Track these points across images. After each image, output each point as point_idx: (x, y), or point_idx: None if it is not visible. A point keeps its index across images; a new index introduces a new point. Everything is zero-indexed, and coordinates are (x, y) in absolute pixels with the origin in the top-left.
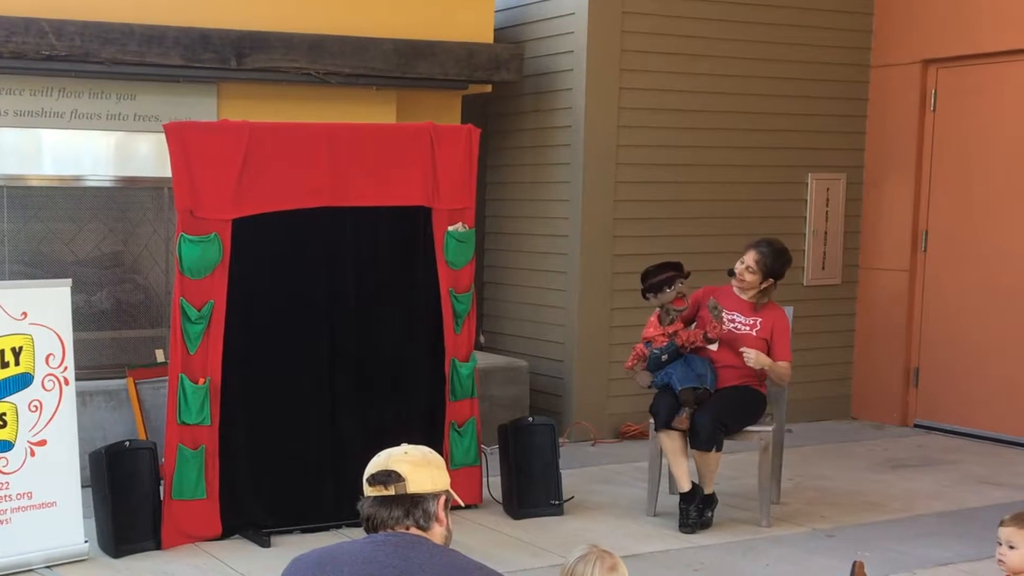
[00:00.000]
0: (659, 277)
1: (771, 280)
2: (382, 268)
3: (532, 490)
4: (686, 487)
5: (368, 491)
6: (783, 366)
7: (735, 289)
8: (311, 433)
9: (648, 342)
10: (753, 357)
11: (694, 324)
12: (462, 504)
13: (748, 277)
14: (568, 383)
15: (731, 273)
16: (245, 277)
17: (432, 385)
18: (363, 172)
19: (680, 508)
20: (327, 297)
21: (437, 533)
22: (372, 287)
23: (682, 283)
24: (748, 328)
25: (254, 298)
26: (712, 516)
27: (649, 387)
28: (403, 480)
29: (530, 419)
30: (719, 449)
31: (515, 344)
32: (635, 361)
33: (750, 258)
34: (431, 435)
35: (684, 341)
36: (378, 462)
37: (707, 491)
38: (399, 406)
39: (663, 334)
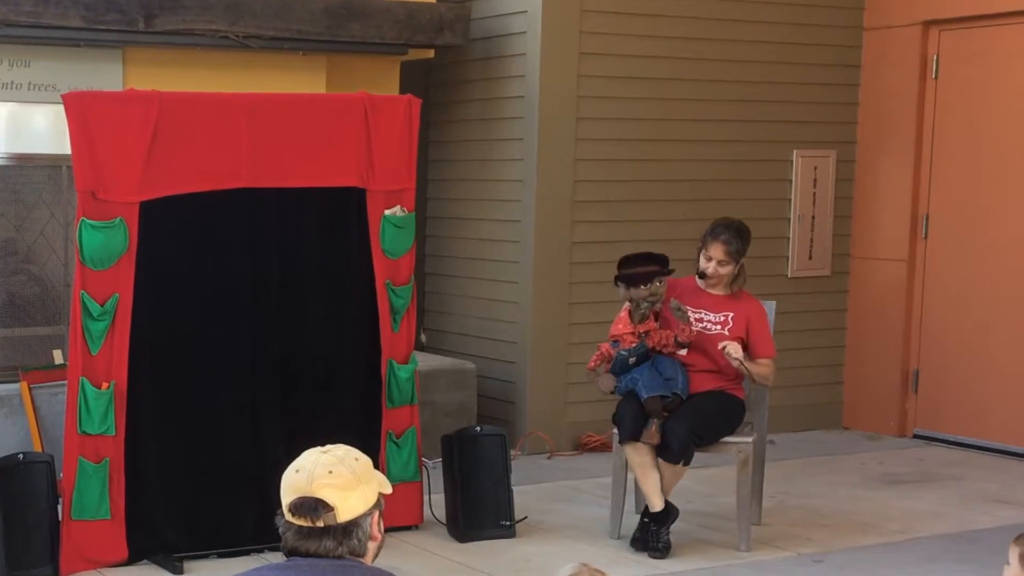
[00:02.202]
0: (639, 269)
1: (741, 263)
2: (309, 258)
3: (480, 509)
4: (658, 506)
5: (291, 519)
6: (765, 364)
7: (699, 283)
8: (230, 444)
9: (616, 341)
10: (732, 350)
11: (658, 323)
12: (389, 491)
13: (724, 271)
14: (521, 388)
15: (702, 275)
16: (154, 267)
17: (366, 390)
18: (288, 149)
19: (649, 530)
20: (247, 291)
21: (371, 549)
22: (298, 280)
23: (660, 282)
24: (719, 326)
25: (165, 291)
26: (669, 534)
27: (612, 393)
28: (332, 510)
29: (478, 428)
30: (688, 463)
31: (461, 344)
32: (598, 362)
33: (718, 251)
34: (365, 446)
35: (656, 343)
36: (299, 484)
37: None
38: (329, 413)
39: (633, 333)
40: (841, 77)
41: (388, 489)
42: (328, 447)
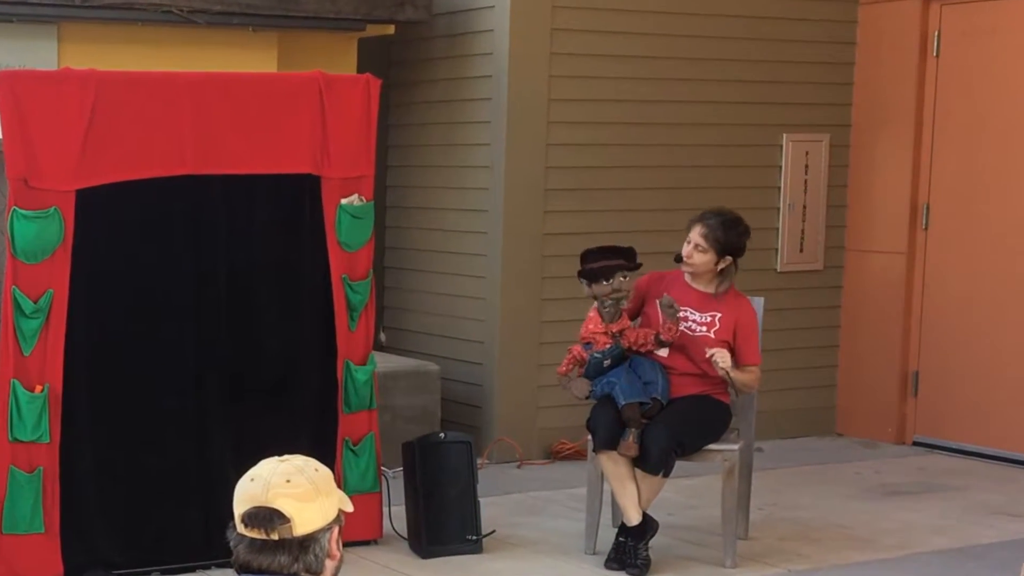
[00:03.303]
0: (599, 263)
1: (728, 258)
2: (259, 250)
3: (444, 523)
4: (635, 519)
5: (243, 530)
6: (751, 371)
7: (686, 277)
8: (173, 452)
9: (588, 343)
10: (720, 359)
11: (639, 321)
12: (350, 509)
13: (698, 258)
14: (488, 391)
15: (679, 259)
16: (92, 261)
17: (321, 394)
18: (236, 132)
19: (627, 546)
20: (192, 286)
21: (329, 568)
22: (247, 274)
23: (625, 277)
24: (704, 327)
25: (103, 287)
26: (648, 550)
27: (586, 398)
28: (288, 522)
29: (442, 435)
30: (668, 474)
31: (423, 343)
32: (570, 366)
33: (696, 234)
34: (320, 454)
35: (632, 343)
36: (254, 493)
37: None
38: (280, 419)
39: (606, 333)
40: (835, 55)
41: (349, 507)
42: (286, 456)
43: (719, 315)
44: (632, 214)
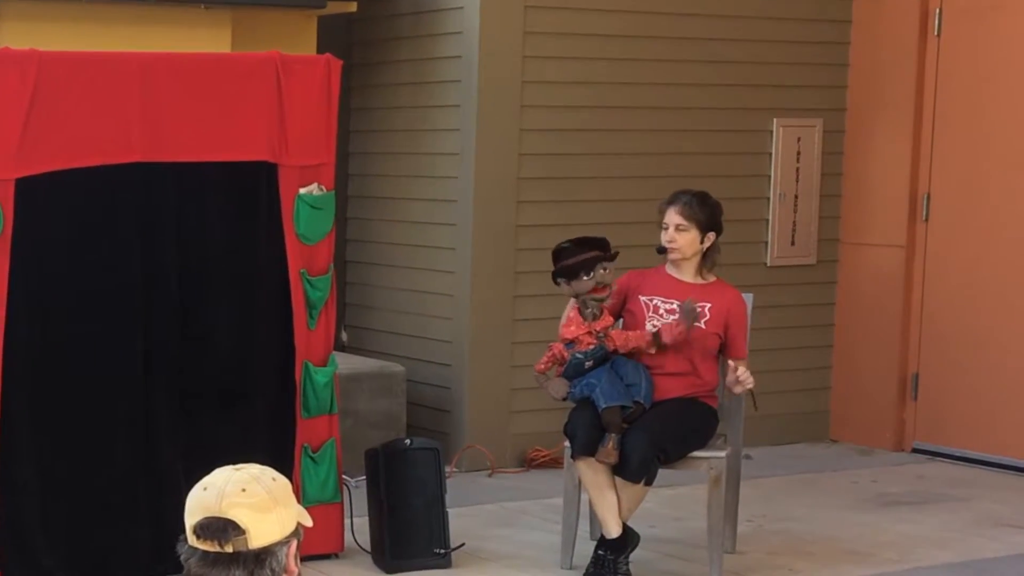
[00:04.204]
0: (575, 259)
1: (711, 235)
2: (212, 244)
3: (410, 535)
4: (614, 531)
5: (195, 542)
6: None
7: (669, 267)
8: (119, 462)
9: (570, 343)
10: (745, 379)
11: (621, 321)
12: (310, 524)
13: (682, 239)
14: (458, 394)
15: (662, 250)
16: (32, 256)
17: (277, 398)
18: (188, 117)
19: (606, 560)
20: (140, 281)
21: None
22: (199, 269)
23: (605, 269)
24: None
25: (45, 283)
26: (628, 564)
27: (564, 399)
28: (243, 533)
29: (407, 441)
30: (650, 483)
31: (388, 343)
32: (549, 364)
33: (673, 214)
34: (277, 462)
35: (622, 345)
36: (207, 503)
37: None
38: (234, 425)
39: (590, 333)
40: (829, 34)
41: (308, 522)
42: (242, 465)
43: (709, 305)
44: (611, 204)
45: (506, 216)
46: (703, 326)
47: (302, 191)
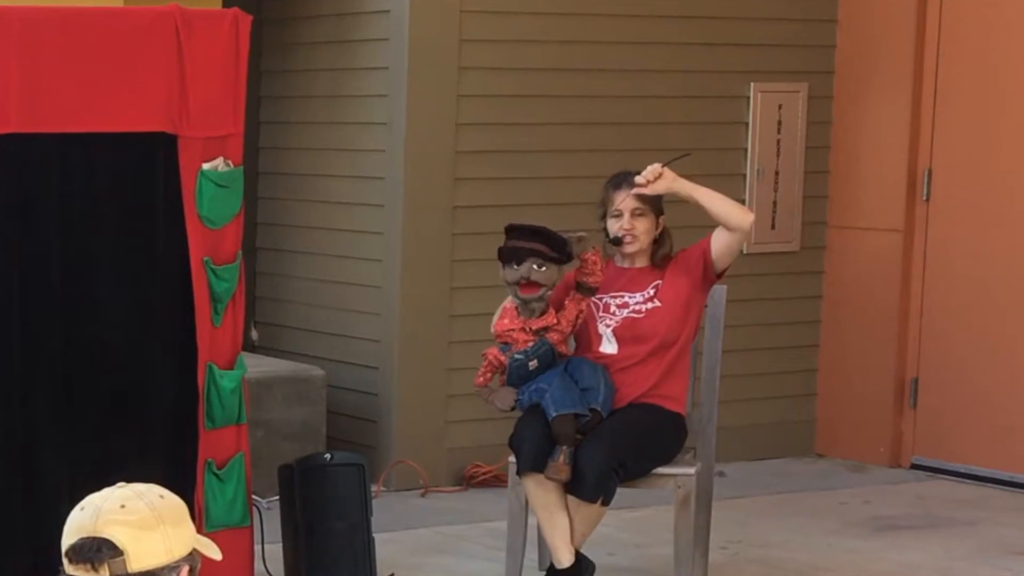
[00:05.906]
0: (511, 243)
1: (664, 217)
2: (101, 227)
3: (330, 564)
4: (566, 560)
5: (69, 568)
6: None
7: (619, 260)
8: None
9: (505, 344)
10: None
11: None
12: (218, 558)
13: (641, 225)
14: (386, 402)
15: (617, 241)
16: None
17: (176, 405)
18: (73, 81)
19: None
20: (17, 271)
21: None
22: (86, 256)
23: (540, 267)
24: (647, 303)
25: None
26: None
27: (513, 409)
28: (121, 554)
29: (327, 456)
30: (607, 502)
31: (305, 343)
32: (489, 375)
33: (628, 200)
34: (176, 479)
35: (563, 331)
36: (83, 523)
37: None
38: (127, 438)
39: (524, 330)
40: None
41: (215, 555)
42: (130, 484)
43: (659, 282)
44: (566, 182)
45: (441, 196)
46: (659, 304)
47: (205, 167)
